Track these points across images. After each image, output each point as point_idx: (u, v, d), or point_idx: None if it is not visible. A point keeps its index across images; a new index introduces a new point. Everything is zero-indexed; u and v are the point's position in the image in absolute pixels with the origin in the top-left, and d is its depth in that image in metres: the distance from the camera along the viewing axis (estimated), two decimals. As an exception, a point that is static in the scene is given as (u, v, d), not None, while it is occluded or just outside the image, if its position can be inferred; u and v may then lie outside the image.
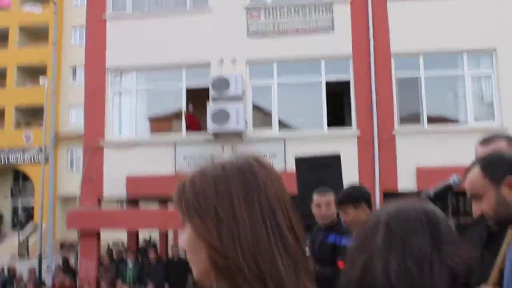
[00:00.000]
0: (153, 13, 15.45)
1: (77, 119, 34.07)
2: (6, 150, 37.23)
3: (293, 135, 14.50)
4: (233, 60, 14.61)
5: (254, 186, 1.18)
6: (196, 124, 15.10)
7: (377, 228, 1.46)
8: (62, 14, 36.15)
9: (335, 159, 7.27)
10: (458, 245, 1.44)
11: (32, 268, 18.54)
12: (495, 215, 2.36)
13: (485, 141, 3.11)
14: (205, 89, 14.51)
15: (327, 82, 14.64)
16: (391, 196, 14.27)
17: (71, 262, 18.71)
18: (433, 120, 14.42)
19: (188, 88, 15.16)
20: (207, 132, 14.40)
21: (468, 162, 3.67)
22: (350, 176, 12.73)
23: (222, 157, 1.28)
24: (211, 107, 14.11)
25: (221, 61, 14.62)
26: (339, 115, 15.71)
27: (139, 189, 14.38)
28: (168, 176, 13.85)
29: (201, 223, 1.16)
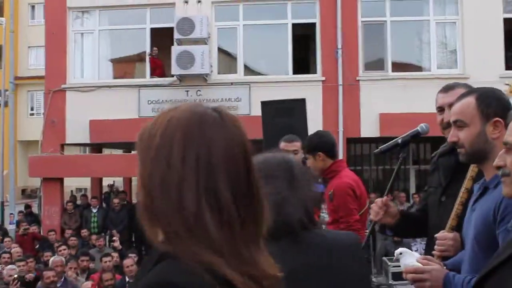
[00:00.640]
0: (116, -49, 14.96)
1: (37, 60, 33.19)
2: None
3: (258, 80, 14.44)
4: (199, 1, 14.32)
5: (198, 139, 1.15)
6: (160, 68, 14.89)
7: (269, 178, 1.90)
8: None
9: (300, 103, 7.29)
10: (309, 185, 2.03)
11: (-6, 217, 18.35)
12: (470, 146, 2.43)
13: (445, 89, 3.18)
14: (170, 32, 14.24)
15: (294, 27, 14.52)
16: (354, 141, 14.52)
17: (34, 209, 18.51)
18: (397, 67, 14.53)
19: (152, 29, 14.85)
20: (172, 76, 14.23)
21: (430, 109, 3.73)
22: (314, 121, 12.86)
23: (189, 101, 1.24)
24: (175, 49, 13.89)
25: (186, 2, 14.32)
26: (305, 60, 15.67)
27: (103, 134, 14.21)
28: (132, 120, 13.72)
29: (140, 162, 1.17)
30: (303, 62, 15.36)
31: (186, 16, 13.99)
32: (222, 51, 15.03)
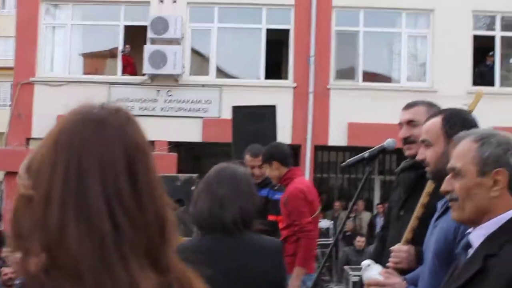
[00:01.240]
0: None
1: (5, 51, 32.58)
2: None
3: (229, 83, 14.45)
4: (174, 1, 14.27)
5: (67, 144, 1.04)
6: (131, 66, 14.77)
7: (203, 180, 2.64)
8: None
9: (270, 109, 7.33)
10: (252, 194, 2.55)
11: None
12: (434, 165, 2.52)
13: (407, 106, 3.27)
14: (143, 30, 14.16)
15: (268, 32, 14.58)
16: (322, 149, 14.63)
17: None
18: (368, 77, 14.70)
19: (126, 26, 14.74)
20: (143, 74, 14.14)
21: (398, 121, 3.80)
22: (284, 127, 12.93)
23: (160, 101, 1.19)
24: (148, 48, 13.81)
25: (161, 1, 14.25)
26: (277, 65, 15.73)
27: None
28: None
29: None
30: (276, 67, 15.42)
31: (161, 16, 13.93)
32: (195, 52, 15.00)
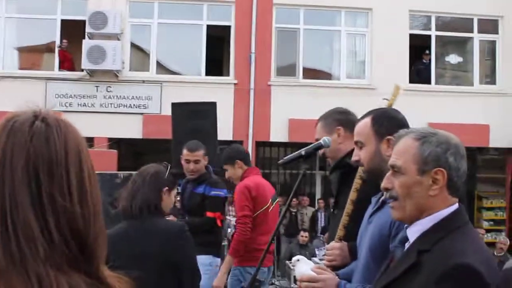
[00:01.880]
0: None
1: None
2: None
3: (170, 79, 14.32)
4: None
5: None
6: (69, 61, 14.43)
7: (133, 178, 3.36)
8: None
9: (211, 106, 7.31)
10: (156, 186, 3.31)
11: None
12: (368, 165, 2.58)
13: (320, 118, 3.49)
14: (81, 25, 13.85)
15: (209, 28, 14.53)
16: (264, 145, 14.70)
17: None
18: (308, 74, 14.86)
19: (63, 20, 14.37)
20: (81, 70, 13.84)
21: None
22: (225, 124, 12.95)
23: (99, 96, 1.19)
24: (86, 43, 13.52)
25: (100, -5, 13.98)
26: (218, 62, 15.70)
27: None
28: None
29: None
30: (217, 64, 15.39)
31: (100, 10, 13.67)
32: (135, 48, 14.80)
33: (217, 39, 15.09)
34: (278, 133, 14.06)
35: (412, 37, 14.87)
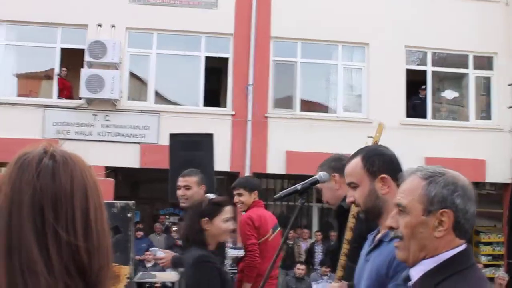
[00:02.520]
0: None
1: None
2: None
3: (168, 109, 14.37)
4: (113, 26, 14.15)
5: (7, 187, 1.13)
6: (68, 89, 14.49)
7: None
8: None
9: (207, 138, 7.34)
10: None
11: None
12: (364, 205, 2.56)
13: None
14: (81, 54, 13.94)
15: (207, 59, 14.65)
16: (260, 176, 14.70)
17: None
18: (305, 106, 14.95)
19: (63, 49, 14.47)
20: (79, 98, 13.89)
21: (335, 150, 3.94)
22: (222, 155, 12.98)
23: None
24: (85, 72, 13.59)
25: (100, 25, 14.10)
26: (216, 93, 15.80)
27: (2, 153, 13.50)
28: (36, 140, 13.20)
29: None
30: (214, 95, 15.48)
31: (99, 40, 13.77)
32: (133, 77, 14.88)
33: (215, 70, 15.21)
34: (275, 165, 14.07)
35: (409, 72, 15.03)
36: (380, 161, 2.55)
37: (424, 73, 15.35)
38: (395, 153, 2.66)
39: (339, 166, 3.41)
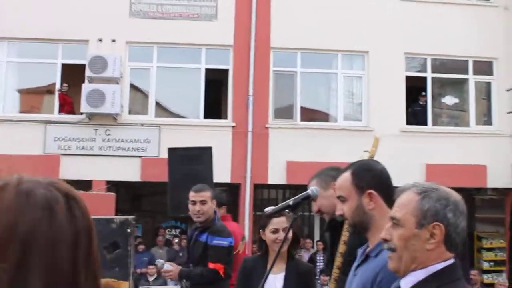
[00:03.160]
0: (29, -16, 14.65)
1: None
2: None
3: (169, 122, 14.42)
4: (113, 40, 14.23)
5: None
6: (69, 104, 14.56)
7: None
8: None
9: (206, 151, 7.36)
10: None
11: None
12: (352, 219, 2.60)
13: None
14: (81, 69, 14.01)
15: (207, 71, 14.71)
16: (262, 187, 14.73)
17: None
18: (306, 116, 14.97)
19: (64, 64, 14.55)
20: (81, 113, 13.95)
21: (336, 159, 3.97)
22: (223, 166, 13.01)
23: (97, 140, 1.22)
24: (86, 87, 13.66)
25: (100, 40, 14.18)
26: (217, 104, 15.84)
27: (4, 169, 13.59)
28: (37, 156, 13.30)
29: None
30: (215, 107, 15.52)
31: (99, 54, 13.85)
32: (134, 91, 14.95)
33: (215, 82, 15.26)
34: (275, 175, 14.08)
35: (408, 79, 15.05)
36: (369, 176, 2.60)
37: (424, 80, 15.38)
38: (385, 169, 2.69)
39: (338, 176, 3.45)
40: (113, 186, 13.83)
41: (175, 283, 10.44)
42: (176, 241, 14.63)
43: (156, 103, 14.75)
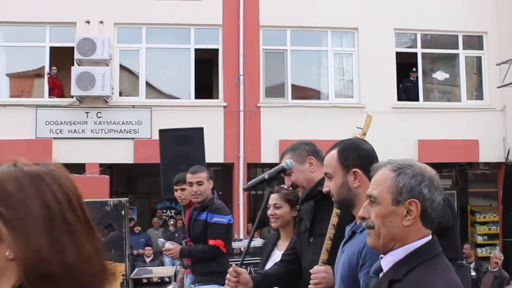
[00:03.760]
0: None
1: None
2: None
3: (160, 103, 14.38)
4: (101, 22, 14.10)
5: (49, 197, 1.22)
6: (59, 88, 14.47)
7: None
8: None
9: (198, 132, 7.36)
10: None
11: None
12: (337, 196, 2.67)
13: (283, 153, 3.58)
14: (70, 52, 13.91)
15: (197, 51, 14.64)
16: (255, 166, 14.75)
17: None
18: (297, 94, 14.96)
19: (52, 48, 14.44)
20: (71, 96, 13.88)
21: (328, 137, 4.00)
22: (216, 146, 13.01)
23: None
24: (75, 70, 13.56)
25: (88, 22, 14.05)
26: (207, 84, 15.79)
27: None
28: (29, 141, 13.24)
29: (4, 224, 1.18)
30: (206, 87, 15.48)
31: (88, 37, 13.73)
32: (124, 73, 14.86)
33: (205, 62, 15.20)
34: (268, 154, 14.08)
35: (399, 55, 15.03)
36: (355, 155, 2.65)
37: (415, 55, 15.36)
38: (372, 148, 2.74)
39: (314, 150, 3.52)
40: (107, 168, 13.83)
41: (171, 263, 10.55)
42: (172, 222, 14.68)
43: (147, 84, 14.70)
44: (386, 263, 1.98)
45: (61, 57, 14.42)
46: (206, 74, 15.50)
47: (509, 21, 14.81)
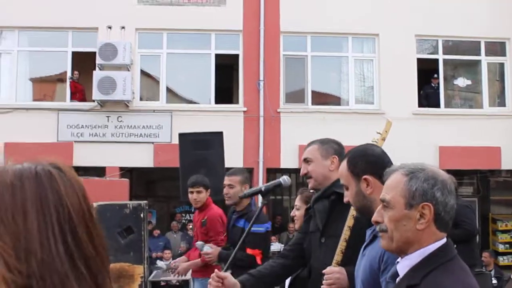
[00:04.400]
0: (39, -28, 14.67)
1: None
2: None
3: (180, 108, 14.44)
4: (122, 27, 14.23)
5: (52, 196, 1.08)
6: (80, 92, 14.62)
7: None
8: None
9: (217, 136, 7.37)
10: None
11: None
12: (354, 204, 2.69)
13: (305, 147, 3.65)
14: (92, 56, 14.05)
15: (218, 56, 14.69)
16: (275, 171, 14.73)
17: None
18: (317, 100, 14.93)
19: (74, 52, 14.60)
20: (92, 101, 14.01)
21: (348, 143, 4.02)
22: (235, 151, 13.02)
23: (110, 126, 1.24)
24: (97, 74, 13.70)
25: (110, 28, 14.18)
26: (228, 89, 15.83)
27: (19, 157, 13.63)
28: (50, 144, 13.38)
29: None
30: (226, 92, 15.52)
31: (109, 42, 13.87)
32: (145, 78, 14.97)
33: (226, 67, 15.24)
34: (288, 159, 14.08)
35: (420, 61, 14.93)
36: (363, 162, 2.66)
37: (436, 62, 15.25)
38: (383, 152, 2.74)
39: (341, 152, 3.53)
40: (126, 172, 13.92)
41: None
42: (190, 226, 14.71)
43: (167, 89, 14.78)
44: (402, 267, 1.99)
45: (83, 62, 14.57)
46: (226, 80, 15.55)
47: (532, 28, 14.65)
